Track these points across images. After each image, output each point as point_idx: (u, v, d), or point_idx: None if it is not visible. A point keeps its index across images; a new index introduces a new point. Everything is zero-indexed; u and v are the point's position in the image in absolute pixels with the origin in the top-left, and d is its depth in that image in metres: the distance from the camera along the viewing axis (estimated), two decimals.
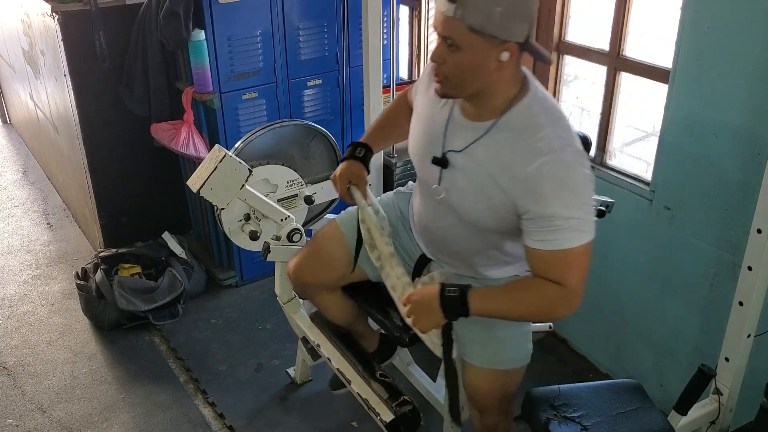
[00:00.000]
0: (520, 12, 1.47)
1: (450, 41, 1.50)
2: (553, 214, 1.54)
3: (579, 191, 1.55)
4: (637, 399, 2.06)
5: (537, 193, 1.54)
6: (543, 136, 1.54)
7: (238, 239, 2.53)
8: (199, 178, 2.30)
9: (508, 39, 1.48)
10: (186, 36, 3.02)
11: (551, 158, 1.53)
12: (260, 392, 2.91)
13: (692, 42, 2.28)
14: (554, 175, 1.53)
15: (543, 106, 1.59)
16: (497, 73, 1.54)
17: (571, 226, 1.54)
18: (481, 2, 1.45)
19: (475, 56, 1.50)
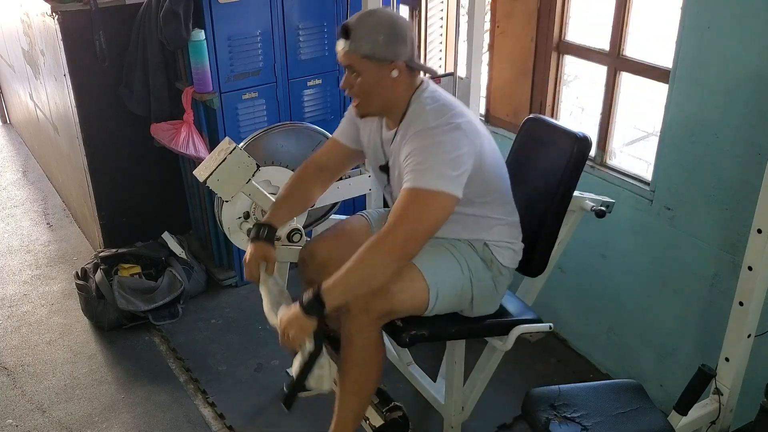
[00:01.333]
0: (399, 37, 1.86)
1: (352, 70, 1.90)
2: (410, 159, 1.83)
3: (437, 147, 1.81)
4: (637, 399, 2.06)
5: (407, 148, 1.86)
6: (423, 115, 1.88)
7: (237, 239, 2.53)
8: (207, 168, 2.31)
9: (394, 59, 1.87)
10: (186, 36, 3.02)
11: (421, 128, 1.86)
12: (260, 392, 2.91)
13: (692, 42, 2.28)
14: (420, 134, 1.85)
15: (428, 98, 1.92)
16: (393, 88, 1.92)
17: (421, 168, 1.80)
18: (366, 34, 1.84)
19: (371, 77, 1.89)
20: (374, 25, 1.85)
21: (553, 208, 2.17)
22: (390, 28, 1.85)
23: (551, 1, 2.83)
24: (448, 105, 1.91)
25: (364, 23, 1.86)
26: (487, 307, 2.12)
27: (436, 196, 1.79)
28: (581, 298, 3.00)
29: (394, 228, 1.80)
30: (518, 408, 2.11)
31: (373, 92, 1.92)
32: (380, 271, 1.84)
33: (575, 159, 2.13)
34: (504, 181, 2.08)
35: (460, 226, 2.02)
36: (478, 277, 2.04)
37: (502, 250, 2.07)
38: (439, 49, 3.67)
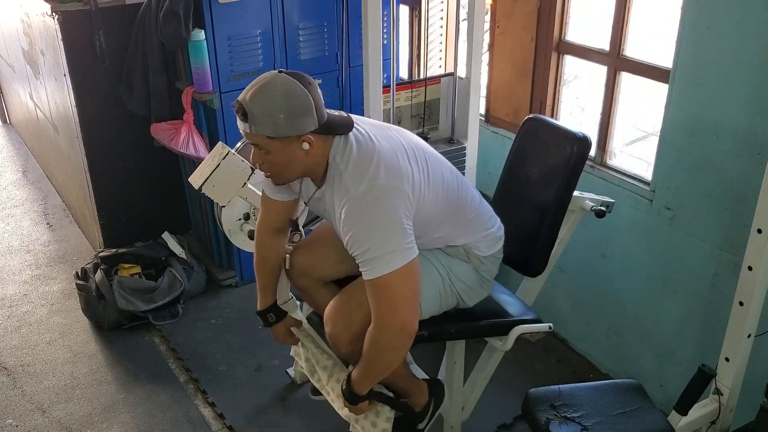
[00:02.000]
0: (299, 111, 1.74)
1: (259, 147, 1.80)
2: (355, 249, 1.76)
3: (371, 225, 1.74)
4: (637, 399, 2.06)
5: (344, 232, 1.78)
6: (342, 181, 1.79)
7: (238, 239, 2.53)
8: (201, 175, 2.30)
9: (301, 134, 1.75)
10: (186, 36, 3.02)
11: (346, 200, 1.77)
12: (260, 392, 2.91)
13: (692, 42, 2.28)
14: (348, 212, 1.76)
15: (344, 156, 1.81)
16: (307, 158, 1.81)
17: (371, 257, 1.74)
18: (265, 116, 1.73)
19: (281, 154, 1.79)
20: (271, 104, 1.72)
21: (553, 208, 2.17)
22: (288, 102, 1.72)
23: (551, 1, 2.83)
24: (364, 160, 1.79)
25: (260, 103, 1.72)
26: (480, 295, 2.11)
27: (398, 274, 1.74)
28: (581, 298, 3.00)
29: (382, 322, 1.79)
30: (518, 408, 2.11)
31: (287, 167, 1.83)
32: (392, 358, 1.88)
33: (575, 159, 2.13)
34: (452, 189, 1.97)
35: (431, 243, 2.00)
36: (456, 274, 2.03)
37: (477, 244, 2.04)
38: (439, 49, 3.67)
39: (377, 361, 1.88)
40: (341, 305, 1.99)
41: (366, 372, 1.92)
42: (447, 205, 1.95)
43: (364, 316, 1.90)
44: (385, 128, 1.96)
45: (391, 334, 1.81)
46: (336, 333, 1.99)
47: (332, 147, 1.82)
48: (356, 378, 1.94)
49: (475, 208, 2.05)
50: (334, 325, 1.98)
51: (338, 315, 1.98)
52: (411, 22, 3.82)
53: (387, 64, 3.07)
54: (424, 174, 1.87)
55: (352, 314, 1.94)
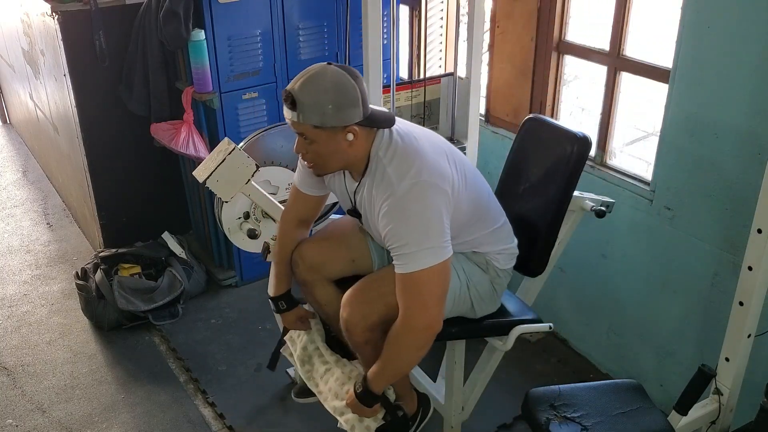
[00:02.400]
0: (347, 102, 1.76)
1: (304, 136, 1.82)
2: (392, 242, 1.79)
3: (413, 220, 1.77)
4: (637, 399, 2.06)
5: (384, 224, 1.81)
6: (387, 179, 1.81)
7: (237, 239, 2.53)
8: (206, 169, 2.30)
9: (347, 124, 1.78)
10: (186, 36, 3.02)
11: (390, 193, 1.79)
12: (260, 392, 2.91)
13: (692, 42, 2.28)
14: (390, 206, 1.79)
15: (388, 150, 1.84)
16: (351, 149, 1.83)
17: (408, 252, 1.77)
18: (314, 105, 1.75)
19: (326, 145, 1.81)
20: (320, 94, 1.74)
21: (553, 208, 2.17)
22: (337, 93, 1.75)
23: (551, 1, 2.83)
24: (408, 156, 1.82)
25: (309, 93, 1.75)
26: (488, 308, 2.12)
27: (432, 271, 1.77)
28: (581, 298, 3.00)
29: (410, 318, 1.81)
30: (518, 408, 2.12)
31: (330, 158, 1.85)
32: (414, 356, 1.89)
33: (575, 159, 2.13)
34: (484, 195, 2.03)
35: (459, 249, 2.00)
36: (474, 282, 2.05)
37: (497, 256, 2.07)
38: (439, 49, 3.67)
39: (398, 358, 1.88)
40: (362, 292, 1.99)
41: (384, 369, 1.92)
42: (478, 211, 1.99)
43: (384, 307, 1.91)
44: (426, 130, 2.00)
45: (417, 331, 1.82)
46: (353, 320, 1.97)
47: (375, 141, 1.85)
48: (373, 376, 1.93)
49: (502, 219, 2.09)
50: (352, 311, 1.97)
51: (358, 302, 1.97)
52: (411, 22, 3.82)
53: (387, 64, 3.08)
54: (462, 177, 1.91)
55: (373, 303, 1.94)
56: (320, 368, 2.19)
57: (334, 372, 2.14)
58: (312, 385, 2.20)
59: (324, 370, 2.17)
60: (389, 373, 1.94)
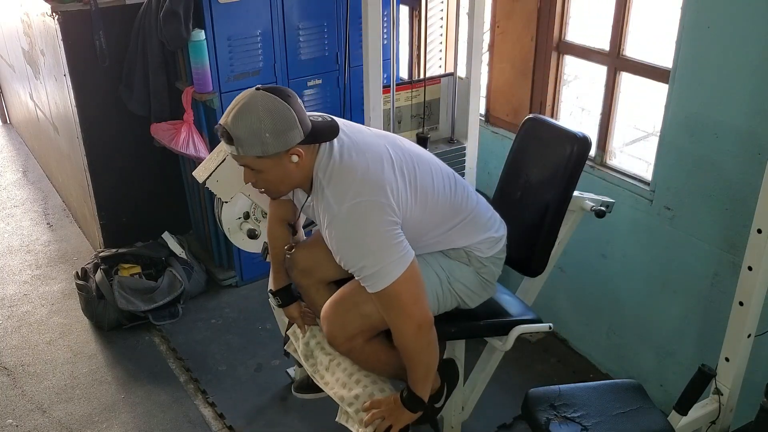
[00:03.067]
0: (284, 126, 1.72)
1: (250, 167, 1.80)
2: (350, 266, 1.78)
3: (361, 244, 1.75)
4: (637, 399, 2.06)
5: (334, 251, 1.80)
6: (325, 197, 1.79)
7: (237, 239, 2.53)
8: (206, 169, 2.30)
9: (289, 147, 1.74)
10: (186, 36, 3.02)
11: (331, 218, 1.78)
12: (260, 392, 2.91)
13: (692, 42, 2.28)
14: (336, 233, 1.78)
15: (326, 170, 1.81)
16: (299, 169, 1.80)
17: (370, 273, 1.75)
18: (251, 137, 1.71)
19: (273, 172, 1.79)
20: (254, 124, 1.70)
21: (553, 208, 2.17)
22: (272, 120, 1.70)
23: (551, 1, 2.83)
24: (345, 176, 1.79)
25: (244, 125, 1.70)
26: (481, 297, 2.11)
27: (401, 280, 1.76)
28: (581, 298, 3.00)
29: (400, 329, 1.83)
30: (518, 408, 2.12)
31: (280, 183, 1.84)
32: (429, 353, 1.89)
33: (575, 159, 2.12)
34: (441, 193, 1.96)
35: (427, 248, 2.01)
36: (457, 276, 2.03)
37: (478, 246, 2.04)
38: (439, 49, 3.67)
39: (418, 362, 1.90)
40: (337, 305, 1.99)
41: (416, 376, 1.92)
42: (438, 211, 1.95)
43: (359, 317, 1.92)
44: (372, 135, 1.95)
45: (414, 336, 1.83)
46: (333, 333, 1.99)
47: (317, 158, 1.81)
48: (413, 384, 1.94)
49: (471, 209, 2.03)
50: (330, 325, 1.99)
51: (334, 315, 1.98)
52: (411, 22, 3.82)
53: (387, 64, 3.07)
54: (411, 182, 1.87)
55: (348, 314, 1.95)
56: (324, 360, 2.18)
57: (341, 362, 2.13)
58: (318, 378, 2.19)
59: (328, 360, 2.16)
60: (422, 377, 1.94)
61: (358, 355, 2.02)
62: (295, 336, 2.32)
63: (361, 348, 2.00)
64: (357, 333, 1.95)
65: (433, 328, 1.86)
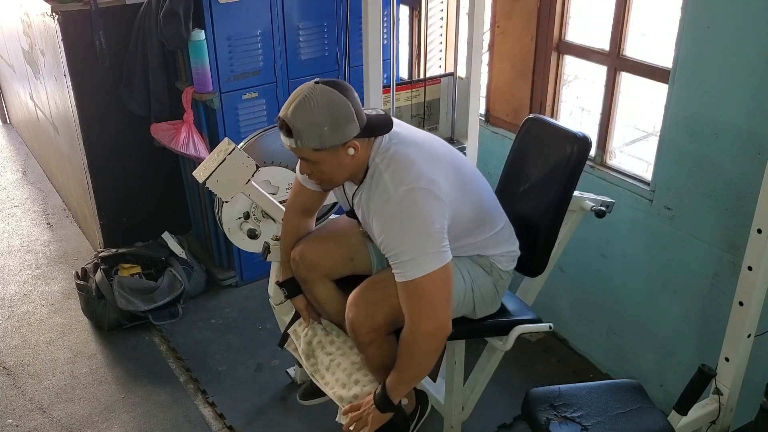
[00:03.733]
0: (342, 120, 1.76)
1: (306, 159, 1.84)
2: (389, 250, 1.80)
3: (409, 226, 1.77)
4: (637, 399, 2.06)
5: (379, 230, 1.82)
6: (381, 182, 1.82)
7: (237, 239, 2.53)
8: (206, 169, 2.31)
9: (346, 141, 1.78)
10: (186, 36, 3.02)
11: (385, 200, 1.80)
12: (260, 392, 2.91)
13: (692, 42, 2.28)
14: (385, 214, 1.80)
15: (385, 157, 1.85)
16: (354, 162, 1.84)
17: (406, 260, 1.77)
18: (310, 129, 1.75)
19: (329, 164, 1.83)
20: (314, 117, 1.74)
21: (553, 208, 2.17)
22: (331, 113, 1.75)
23: (551, 1, 2.83)
24: (405, 163, 1.82)
25: (303, 117, 1.75)
26: (488, 309, 2.13)
27: (433, 276, 1.77)
28: (581, 298, 3.00)
29: (417, 325, 1.82)
30: (518, 408, 2.12)
31: (335, 174, 1.87)
32: (428, 361, 1.89)
33: (575, 159, 2.12)
34: (485, 199, 2.03)
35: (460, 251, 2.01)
36: (478, 284, 2.05)
37: (500, 258, 2.08)
38: (439, 49, 3.67)
39: (412, 364, 1.89)
40: (368, 293, 1.98)
41: (401, 377, 1.92)
42: (480, 215, 1.99)
43: (389, 309, 1.91)
44: (424, 134, 2.00)
45: (427, 337, 1.83)
46: (359, 320, 1.97)
47: (373, 147, 1.86)
48: (391, 385, 1.93)
49: (505, 221, 2.10)
50: (358, 312, 1.97)
51: (364, 302, 1.97)
52: (411, 22, 3.82)
53: (387, 64, 3.08)
54: (460, 182, 1.91)
55: (378, 305, 1.94)
56: (324, 359, 2.19)
57: (340, 363, 2.14)
58: (318, 378, 2.20)
59: (329, 360, 2.18)
60: (407, 380, 1.94)
61: (377, 348, 2.01)
62: (296, 335, 2.32)
63: (381, 342, 1.99)
64: (383, 324, 1.95)
65: (445, 339, 1.86)
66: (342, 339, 2.20)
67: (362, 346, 2.03)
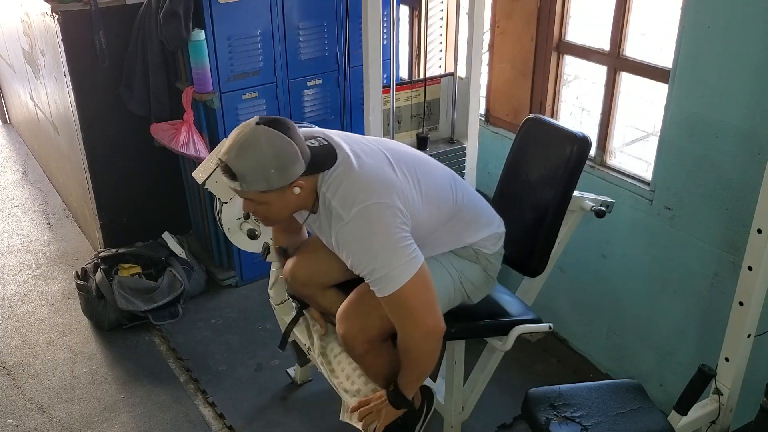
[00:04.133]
0: (288, 161, 1.72)
1: (252, 200, 1.80)
2: (360, 271, 1.79)
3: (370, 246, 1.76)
4: (637, 399, 2.06)
5: (344, 256, 1.81)
6: (333, 207, 1.79)
7: (237, 239, 2.53)
8: (205, 170, 2.31)
9: (293, 180, 1.75)
10: (186, 36, 3.02)
11: (340, 226, 1.78)
12: (260, 392, 2.91)
13: (692, 42, 2.28)
14: (344, 238, 1.79)
15: (331, 185, 1.81)
16: (299, 199, 1.82)
17: (379, 276, 1.76)
18: (255, 173, 1.71)
19: (275, 204, 1.80)
20: (259, 161, 1.70)
21: (553, 208, 2.17)
22: (276, 156, 1.70)
23: (551, 1, 2.83)
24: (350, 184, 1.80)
25: (248, 162, 1.70)
26: (483, 293, 2.14)
27: (411, 284, 1.76)
28: (581, 298, 3.00)
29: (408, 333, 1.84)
30: (518, 408, 2.12)
31: (281, 212, 1.86)
32: (430, 359, 1.91)
33: (575, 159, 2.13)
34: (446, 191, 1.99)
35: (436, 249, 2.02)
36: (467, 275, 2.05)
37: (483, 243, 2.06)
38: (439, 49, 3.67)
39: (417, 366, 1.92)
40: (357, 306, 1.98)
41: (410, 377, 1.95)
42: (443, 211, 1.97)
43: (379, 319, 1.91)
44: (369, 142, 1.95)
45: (421, 342, 1.84)
46: (351, 334, 1.98)
47: (319, 179, 1.83)
48: (403, 384, 1.96)
49: (473, 207, 2.06)
50: (350, 326, 1.98)
51: (354, 315, 1.97)
52: (411, 22, 3.82)
53: (387, 64, 3.08)
54: (415, 184, 1.88)
55: (368, 317, 1.94)
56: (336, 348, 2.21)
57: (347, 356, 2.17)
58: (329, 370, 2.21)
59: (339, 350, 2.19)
60: (415, 378, 1.97)
61: (373, 356, 2.02)
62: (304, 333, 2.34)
63: (377, 349, 2.00)
64: (376, 335, 1.96)
65: (441, 337, 1.86)
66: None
67: (359, 358, 2.05)
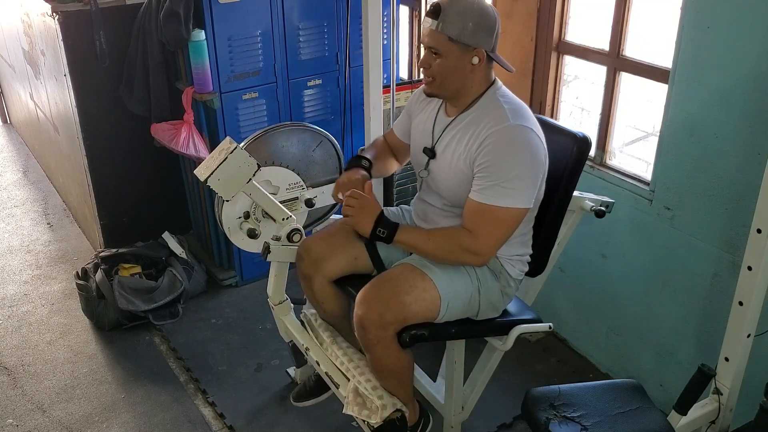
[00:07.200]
0: (486, 26, 1.88)
1: (434, 50, 1.90)
2: (492, 171, 1.87)
3: (520, 159, 1.87)
4: (637, 399, 2.06)
5: (488, 150, 1.88)
6: (501, 112, 1.91)
7: (237, 238, 2.53)
8: (207, 168, 2.31)
9: (477, 46, 1.88)
10: (186, 36, 3.02)
11: (506, 126, 1.88)
12: (260, 392, 2.91)
13: (692, 42, 2.28)
14: (504, 138, 1.87)
15: (506, 97, 1.96)
16: (471, 74, 1.93)
17: (504, 186, 1.86)
18: (456, 18, 1.85)
19: (452, 60, 1.90)
20: (465, 10, 1.85)
21: (553, 208, 2.17)
22: (480, 15, 1.86)
23: (551, 1, 2.83)
24: (524, 109, 1.94)
25: (456, 6, 1.85)
26: (491, 313, 2.13)
27: (513, 212, 1.88)
28: (581, 298, 3.00)
29: (478, 238, 1.91)
30: (518, 408, 2.12)
31: (450, 76, 1.93)
32: (451, 260, 1.99)
33: (575, 159, 2.12)
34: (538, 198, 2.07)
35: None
36: (486, 288, 2.05)
37: (512, 262, 2.09)
38: None
39: (439, 248, 1.97)
40: (378, 290, 1.98)
41: (419, 238, 2.00)
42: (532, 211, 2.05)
43: (399, 306, 1.93)
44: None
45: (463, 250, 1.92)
46: (369, 317, 1.96)
47: (494, 84, 1.97)
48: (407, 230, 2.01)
49: (528, 224, 2.11)
50: (368, 309, 1.97)
51: (374, 300, 1.97)
52: (411, 22, 3.83)
53: (387, 64, 3.08)
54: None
55: (389, 302, 1.95)
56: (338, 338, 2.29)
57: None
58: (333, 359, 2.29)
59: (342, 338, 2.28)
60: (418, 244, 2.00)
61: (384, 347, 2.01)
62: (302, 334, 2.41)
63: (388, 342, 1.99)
64: (392, 322, 1.95)
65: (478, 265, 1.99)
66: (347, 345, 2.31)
67: (369, 344, 2.02)
